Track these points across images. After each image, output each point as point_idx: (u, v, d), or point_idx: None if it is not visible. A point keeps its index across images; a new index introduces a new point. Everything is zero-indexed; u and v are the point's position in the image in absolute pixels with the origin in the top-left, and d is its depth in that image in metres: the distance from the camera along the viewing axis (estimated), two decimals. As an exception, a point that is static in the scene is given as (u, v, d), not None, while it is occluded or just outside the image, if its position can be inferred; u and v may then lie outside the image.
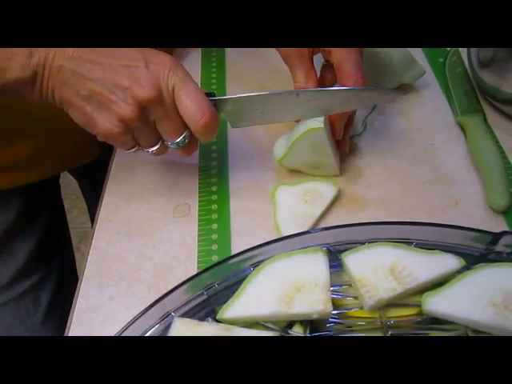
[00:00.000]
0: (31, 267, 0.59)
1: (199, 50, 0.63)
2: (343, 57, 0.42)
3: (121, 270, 0.45)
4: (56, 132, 0.55)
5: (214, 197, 0.48)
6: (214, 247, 0.45)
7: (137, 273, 0.44)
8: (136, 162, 0.52)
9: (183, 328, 0.30)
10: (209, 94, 0.40)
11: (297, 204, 0.45)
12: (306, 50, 0.44)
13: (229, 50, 0.63)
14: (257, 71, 0.59)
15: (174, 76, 0.38)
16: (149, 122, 0.39)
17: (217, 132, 0.41)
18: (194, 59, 0.62)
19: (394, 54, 0.52)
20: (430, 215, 0.44)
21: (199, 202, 0.48)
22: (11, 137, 0.53)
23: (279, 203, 0.45)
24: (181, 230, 0.46)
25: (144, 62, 0.37)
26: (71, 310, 0.43)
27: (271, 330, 0.30)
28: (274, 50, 0.48)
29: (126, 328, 0.33)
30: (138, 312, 0.36)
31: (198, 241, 0.45)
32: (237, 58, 0.62)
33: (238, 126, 0.44)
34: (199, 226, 0.46)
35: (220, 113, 0.42)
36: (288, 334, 0.31)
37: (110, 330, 0.37)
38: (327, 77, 0.46)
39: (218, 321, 0.32)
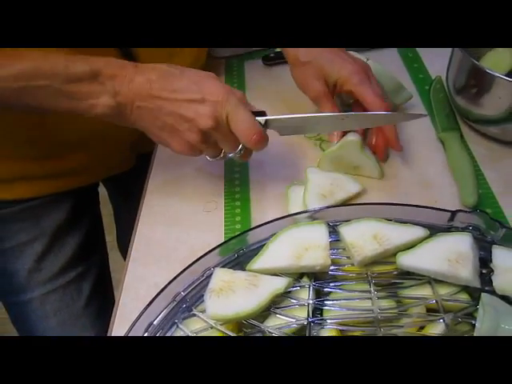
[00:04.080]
0: (76, 260, 0.73)
1: (223, 75, 0.79)
2: (363, 92, 0.58)
3: (160, 252, 0.58)
4: (102, 145, 0.70)
5: (237, 196, 0.63)
6: (238, 234, 0.58)
7: (174, 253, 0.58)
8: (171, 168, 0.67)
9: (222, 275, 0.44)
10: (260, 113, 0.53)
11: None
12: (328, 92, 0.61)
13: (247, 71, 0.79)
14: (274, 90, 0.74)
15: (227, 106, 0.49)
16: (210, 142, 0.52)
17: (266, 144, 0.53)
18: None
19: (387, 81, 0.67)
20: (414, 211, 0.58)
21: (225, 199, 0.62)
22: (66, 149, 0.68)
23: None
24: (210, 221, 0.60)
25: (201, 96, 0.49)
26: (122, 281, 0.57)
27: (286, 277, 0.44)
28: (287, 70, 0.65)
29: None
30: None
31: (224, 229, 0.59)
32: (255, 78, 0.78)
33: (285, 134, 0.57)
34: (225, 217, 0.60)
35: (269, 126, 0.54)
36: (299, 282, 0.44)
37: (153, 293, 0.49)
38: (357, 110, 0.62)
39: (245, 273, 0.45)
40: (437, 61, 0.73)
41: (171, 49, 0.66)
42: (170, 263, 0.57)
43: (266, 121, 0.53)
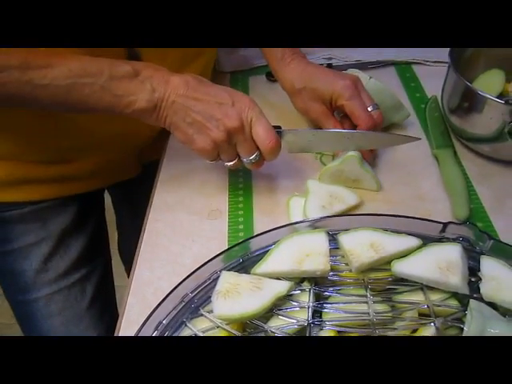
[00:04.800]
0: (81, 262, 0.76)
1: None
2: (352, 107, 0.64)
3: (167, 257, 0.61)
4: (110, 152, 0.74)
5: (241, 205, 0.66)
6: (241, 241, 0.62)
7: (180, 259, 0.61)
8: (177, 176, 0.71)
9: (228, 278, 0.48)
10: (276, 127, 0.60)
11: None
12: (327, 110, 0.67)
13: (251, 86, 0.84)
14: (277, 104, 0.79)
15: (252, 112, 0.56)
16: (232, 143, 0.58)
17: (279, 152, 0.60)
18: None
19: (388, 99, 0.71)
20: (408, 223, 0.62)
21: (229, 208, 0.66)
22: (75, 154, 0.71)
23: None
24: (214, 229, 0.64)
25: (231, 101, 0.56)
26: (128, 284, 0.60)
27: (288, 281, 0.48)
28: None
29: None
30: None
31: (228, 237, 0.63)
32: (259, 92, 0.82)
33: (293, 152, 0.65)
34: (229, 225, 0.64)
35: (282, 138, 0.61)
36: (300, 286, 0.48)
37: (160, 296, 0.52)
38: (346, 124, 0.67)
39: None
40: (433, 81, 0.77)
41: (179, 62, 0.70)
42: (176, 268, 0.60)
43: (281, 132, 0.61)
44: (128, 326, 0.55)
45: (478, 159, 0.69)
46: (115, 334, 0.55)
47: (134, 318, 0.56)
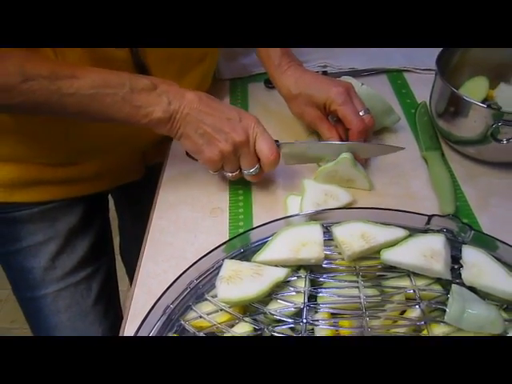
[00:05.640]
0: (86, 261, 0.81)
1: (228, 95, 0.89)
2: (344, 112, 0.69)
3: (171, 252, 0.66)
4: (116, 155, 0.79)
5: (241, 203, 0.72)
6: (241, 237, 0.67)
7: (183, 254, 0.66)
8: (180, 176, 0.76)
9: (231, 265, 0.53)
10: (275, 141, 0.66)
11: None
12: (321, 115, 0.73)
13: (250, 93, 0.90)
14: (275, 110, 0.84)
15: (257, 128, 0.64)
16: (236, 155, 0.65)
17: (277, 165, 0.66)
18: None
19: (379, 104, 0.77)
20: (399, 219, 0.67)
21: (230, 206, 0.71)
22: (82, 157, 0.77)
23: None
24: (215, 225, 0.69)
25: (239, 118, 0.63)
26: (134, 276, 0.65)
27: (285, 268, 0.53)
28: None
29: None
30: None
31: (229, 233, 0.68)
32: (258, 99, 0.88)
33: (290, 163, 0.72)
34: (229, 222, 0.69)
35: (280, 150, 0.67)
36: (297, 273, 0.53)
37: (165, 287, 0.57)
38: (339, 127, 0.73)
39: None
40: (422, 87, 0.83)
41: (181, 68, 0.75)
42: (179, 262, 0.64)
43: (279, 145, 0.68)
44: (135, 317, 0.60)
45: (464, 161, 0.74)
46: (123, 323, 0.60)
47: (140, 308, 0.60)
